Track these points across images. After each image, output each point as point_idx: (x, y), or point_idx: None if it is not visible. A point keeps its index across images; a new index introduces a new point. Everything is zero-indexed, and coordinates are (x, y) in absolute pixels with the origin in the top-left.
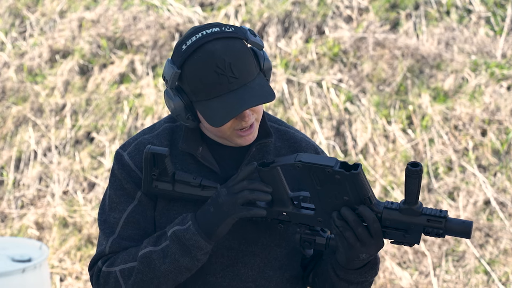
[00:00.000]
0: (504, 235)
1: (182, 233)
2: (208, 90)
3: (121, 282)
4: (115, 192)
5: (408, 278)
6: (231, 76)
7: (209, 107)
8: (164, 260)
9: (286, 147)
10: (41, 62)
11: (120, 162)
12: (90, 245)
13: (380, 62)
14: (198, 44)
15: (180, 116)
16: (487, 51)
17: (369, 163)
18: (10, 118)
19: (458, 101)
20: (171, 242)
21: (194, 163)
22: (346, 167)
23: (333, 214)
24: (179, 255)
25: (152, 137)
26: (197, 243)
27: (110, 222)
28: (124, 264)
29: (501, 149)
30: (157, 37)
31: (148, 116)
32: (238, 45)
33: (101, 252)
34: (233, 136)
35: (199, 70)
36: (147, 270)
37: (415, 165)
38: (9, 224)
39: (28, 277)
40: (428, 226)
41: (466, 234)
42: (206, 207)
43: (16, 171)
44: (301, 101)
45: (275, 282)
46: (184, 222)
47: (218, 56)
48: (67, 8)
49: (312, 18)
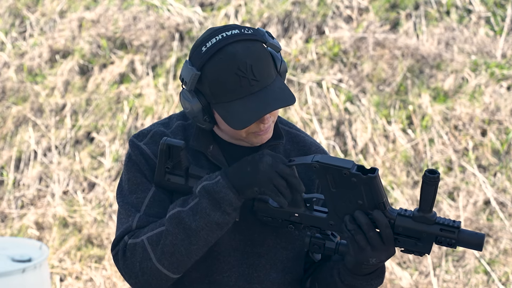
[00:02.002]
0: (504, 235)
1: (211, 186)
2: (229, 92)
3: (149, 251)
4: (134, 175)
5: (408, 278)
6: (253, 79)
7: (230, 110)
8: (195, 217)
9: (296, 150)
10: (41, 62)
11: (138, 149)
12: (90, 245)
13: (380, 62)
14: (219, 46)
15: (197, 118)
16: (487, 51)
17: (369, 163)
18: (10, 118)
19: (458, 101)
20: (201, 197)
21: (206, 160)
22: (363, 171)
23: (346, 218)
24: (210, 209)
25: (168, 132)
26: (227, 195)
27: (133, 203)
28: (152, 231)
29: (501, 149)
30: (157, 37)
31: (148, 116)
32: (259, 48)
33: (128, 228)
34: (250, 137)
35: (220, 72)
36: (177, 230)
37: (432, 172)
38: (9, 224)
39: (28, 277)
40: (441, 235)
41: (478, 246)
42: (243, 164)
43: (16, 171)
44: (301, 101)
45: (277, 284)
46: (212, 177)
47: (240, 58)
48: (67, 8)
49: (312, 18)
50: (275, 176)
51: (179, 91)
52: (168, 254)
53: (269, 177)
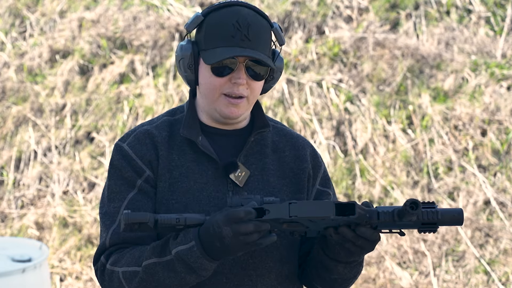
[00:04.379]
0: (504, 235)
1: (185, 254)
2: (221, 39)
3: (124, 284)
4: (115, 182)
5: (408, 278)
6: (245, 35)
7: (213, 52)
8: (169, 274)
9: (284, 141)
10: (41, 62)
11: (120, 152)
12: (90, 245)
13: (380, 62)
14: (229, 3)
15: (183, 61)
16: (487, 51)
17: (369, 163)
18: (10, 118)
19: (458, 101)
20: (176, 261)
21: (193, 152)
22: (342, 210)
23: (329, 230)
24: (185, 273)
25: (152, 128)
26: (202, 265)
27: (110, 213)
28: (127, 266)
29: (501, 149)
30: (157, 37)
31: (148, 116)
32: (263, 22)
33: (103, 246)
34: (221, 102)
35: (220, 18)
36: (151, 280)
37: (414, 207)
38: (9, 224)
39: (28, 277)
40: (422, 229)
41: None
42: (210, 239)
43: (16, 171)
44: (301, 101)
45: (275, 274)
46: (187, 240)
47: (243, 15)
48: (67, 8)
49: (312, 18)
50: (244, 240)
51: (179, 91)
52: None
53: (241, 244)
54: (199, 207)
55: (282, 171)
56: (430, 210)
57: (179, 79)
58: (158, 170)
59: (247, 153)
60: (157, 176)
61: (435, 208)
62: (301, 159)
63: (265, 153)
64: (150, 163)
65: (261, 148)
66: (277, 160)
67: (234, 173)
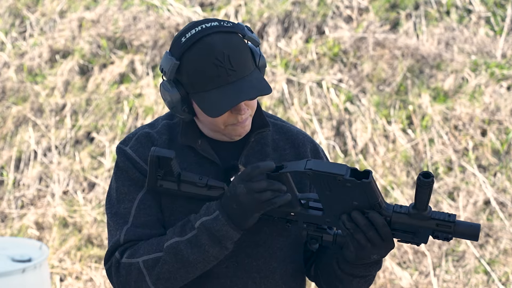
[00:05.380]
0: (504, 235)
1: (211, 223)
2: (207, 81)
3: (144, 273)
4: (122, 184)
5: (408, 278)
6: (230, 69)
7: (207, 98)
8: (193, 250)
9: (284, 139)
10: (41, 62)
11: (124, 155)
12: (90, 245)
13: (380, 62)
14: (197, 37)
15: (176, 108)
16: (487, 51)
17: (369, 163)
18: (10, 118)
19: (458, 101)
20: (200, 233)
21: (194, 156)
22: (357, 175)
23: (343, 217)
24: (209, 246)
25: (153, 132)
26: (228, 233)
27: (121, 213)
28: (148, 255)
29: (501, 149)
30: (157, 37)
31: (148, 116)
32: (236, 39)
33: (116, 242)
34: (228, 130)
35: (198, 62)
36: (175, 260)
37: (427, 176)
38: (9, 224)
39: (28, 277)
40: (437, 230)
41: (474, 237)
42: (228, 202)
43: (16, 171)
44: (301, 101)
45: (279, 274)
46: (210, 212)
47: (218, 48)
48: (67, 8)
49: (312, 18)
50: (258, 198)
51: None
52: (163, 279)
53: (256, 202)
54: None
55: None
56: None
57: None
58: None
59: (248, 153)
60: None
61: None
62: (302, 156)
63: (266, 152)
64: None
65: (261, 148)
66: (278, 158)
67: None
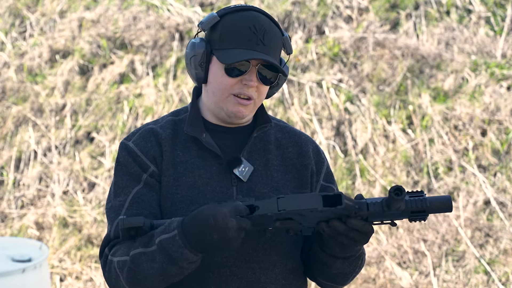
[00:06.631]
0: (504, 235)
1: (167, 243)
2: (236, 40)
3: (118, 273)
4: (121, 178)
5: (408, 278)
6: (261, 40)
7: (228, 52)
8: (152, 264)
9: (287, 138)
10: (41, 62)
11: (125, 149)
12: (90, 245)
13: (380, 62)
14: (246, 8)
15: (194, 58)
16: (487, 51)
17: (369, 163)
18: (10, 118)
19: (458, 101)
20: (158, 250)
21: (197, 149)
22: (329, 202)
23: (321, 224)
24: (166, 264)
25: (156, 127)
26: (183, 255)
27: (116, 206)
28: (121, 256)
29: (501, 149)
30: (157, 37)
31: (148, 116)
32: (277, 31)
33: (107, 238)
34: (230, 101)
35: (237, 21)
36: (137, 270)
37: (398, 194)
38: (9, 224)
39: (28, 277)
40: (412, 217)
41: (448, 209)
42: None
43: (16, 171)
44: (301, 101)
45: (279, 268)
46: (170, 229)
47: (259, 20)
48: (67, 8)
49: (312, 18)
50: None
51: (179, 91)
52: (133, 283)
53: (236, 241)
54: (204, 201)
55: (285, 166)
56: (419, 198)
57: (179, 79)
58: (162, 165)
59: (250, 149)
60: (162, 171)
61: (423, 196)
62: (303, 155)
63: (268, 149)
64: (155, 159)
65: (264, 145)
66: (280, 156)
67: (238, 168)
